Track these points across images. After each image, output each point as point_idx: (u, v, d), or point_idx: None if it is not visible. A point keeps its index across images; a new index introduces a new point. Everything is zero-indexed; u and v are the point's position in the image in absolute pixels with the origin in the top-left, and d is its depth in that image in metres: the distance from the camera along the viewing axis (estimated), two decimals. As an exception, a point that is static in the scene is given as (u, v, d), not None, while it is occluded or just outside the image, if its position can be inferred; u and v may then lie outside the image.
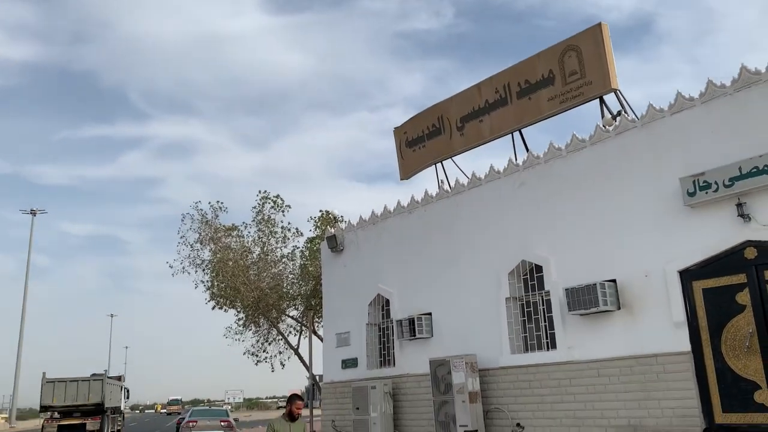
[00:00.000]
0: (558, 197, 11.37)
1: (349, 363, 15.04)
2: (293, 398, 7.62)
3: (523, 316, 11.87)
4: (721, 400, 8.81)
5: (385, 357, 14.50)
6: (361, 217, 15.51)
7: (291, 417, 7.50)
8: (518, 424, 11.43)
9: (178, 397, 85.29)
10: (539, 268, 11.58)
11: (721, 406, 8.80)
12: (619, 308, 10.13)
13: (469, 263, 12.75)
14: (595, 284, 10.02)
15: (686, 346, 9.25)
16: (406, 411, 13.49)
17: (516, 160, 12.58)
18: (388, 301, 14.46)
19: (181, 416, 30.66)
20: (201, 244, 23.05)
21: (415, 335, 13.11)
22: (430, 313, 13.28)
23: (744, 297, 8.77)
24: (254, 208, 23.59)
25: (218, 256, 22.54)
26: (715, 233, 9.11)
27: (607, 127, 10.97)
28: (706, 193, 9.09)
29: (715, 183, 9.01)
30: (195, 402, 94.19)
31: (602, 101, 11.66)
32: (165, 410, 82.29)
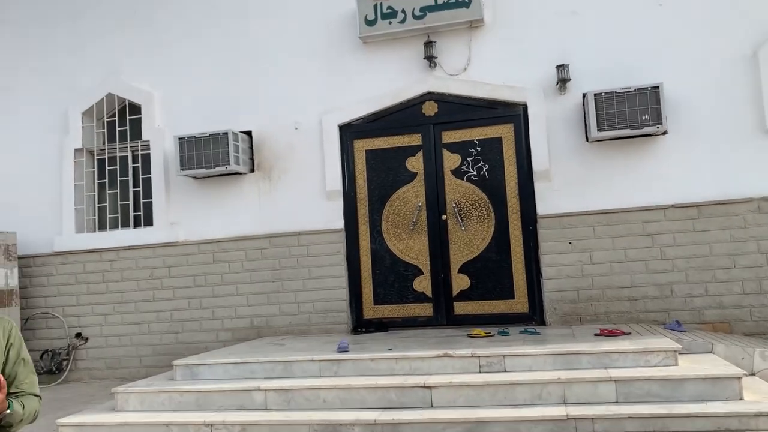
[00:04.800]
0: (180, 10, 7.73)
1: None
2: None
3: (103, 178, 7.99)
4: (375, 290, 6.94)
5: None
6: None
7: None
8: (79, 335, 7.73)
9: None
10: (136, 109, 7.83)
11: (374, 297, 6.94)
12: (252, 170, 7.32)
13: (22, 92, 8.09)
14: (227, 133, 6.93)
15: (339, 223, 7.05)
16: None
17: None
18: None
19: None
20: None
21: None
22: (-66, 167, 8.10)
23: (416, 163, 6.96)
24: None
25: None
26: (392, 80, 6.99)
27: None
28: (390, 23, 6.85)
29: (403, 12, 6.82)
30: None
31: None
32: None
